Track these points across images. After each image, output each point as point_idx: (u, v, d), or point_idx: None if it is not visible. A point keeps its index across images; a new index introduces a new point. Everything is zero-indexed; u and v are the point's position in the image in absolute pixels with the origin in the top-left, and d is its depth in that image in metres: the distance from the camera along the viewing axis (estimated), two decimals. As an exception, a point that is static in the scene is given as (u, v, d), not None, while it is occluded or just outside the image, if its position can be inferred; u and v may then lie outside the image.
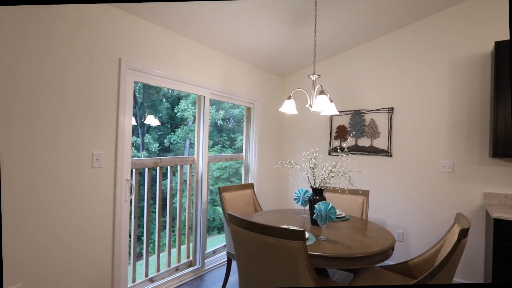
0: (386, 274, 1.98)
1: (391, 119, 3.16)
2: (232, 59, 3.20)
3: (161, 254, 2.65)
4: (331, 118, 3.56)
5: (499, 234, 2.20)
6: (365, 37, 3.25)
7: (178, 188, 2.80)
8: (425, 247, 2.97)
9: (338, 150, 2.24)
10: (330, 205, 1.82)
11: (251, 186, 2.96)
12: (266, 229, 1.43)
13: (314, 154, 2.10)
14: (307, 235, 1.87)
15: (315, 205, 1.87)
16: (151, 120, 6.79)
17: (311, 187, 2.16)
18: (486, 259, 2.58)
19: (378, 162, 3.25)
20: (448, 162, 2.87)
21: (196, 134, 2.93)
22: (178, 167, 2.80)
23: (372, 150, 3.26)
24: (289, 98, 2.20)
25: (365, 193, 2.70)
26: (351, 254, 1.63)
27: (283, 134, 4.05)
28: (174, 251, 2.80)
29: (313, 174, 2.12)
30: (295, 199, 2.44)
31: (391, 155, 3.16)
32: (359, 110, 3.35)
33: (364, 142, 3.32)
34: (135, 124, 7.70)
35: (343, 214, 2.47)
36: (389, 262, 2.29)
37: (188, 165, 2.89)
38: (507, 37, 2.56)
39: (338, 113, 2.27)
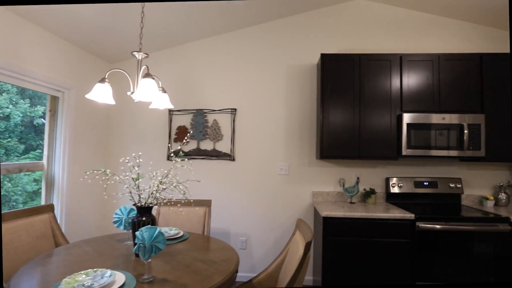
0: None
1: (234, 120, 2.99)
2: (25, 22, 2.15)
3: None
4: (170, 117, 3.04)
5: (327, 231, 2.34)
6: (208, 31, 2.94)
7: None
8: (265, 251, 2.94)
9: (172, 155, 1.77)
10: (157, 230, 1.30)
11: (48, 208, 2.02)
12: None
13: (137, 160, 1.53)
14: (123, 279, 1.28)
15: (136, 233, 1.31)
16: None
17: (134, 205, 1.58)
18: (315, 254, 2.75)
19: (221, 167, 3.00)
20: (285, 165, 2.95)
21: None
22: None
23: (215, 154, 2.98)
24: (102, 81, 1.53)
25: (207, 204, 2.35)
26: (184, 299, 1.18)
27: (113, 136, 3.19)
28: None
29: (137, 188, 1.55)
30: (115, 222, 1.80)
31: (234, 159, 2.98)
32: (202, 109, 3.01)
33: (207, 145, 3.00)
34: None
35: (181, 233, 2.01)
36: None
37: None
38: (331, 51, 2.87)
39: (172, 106, 1.80)
